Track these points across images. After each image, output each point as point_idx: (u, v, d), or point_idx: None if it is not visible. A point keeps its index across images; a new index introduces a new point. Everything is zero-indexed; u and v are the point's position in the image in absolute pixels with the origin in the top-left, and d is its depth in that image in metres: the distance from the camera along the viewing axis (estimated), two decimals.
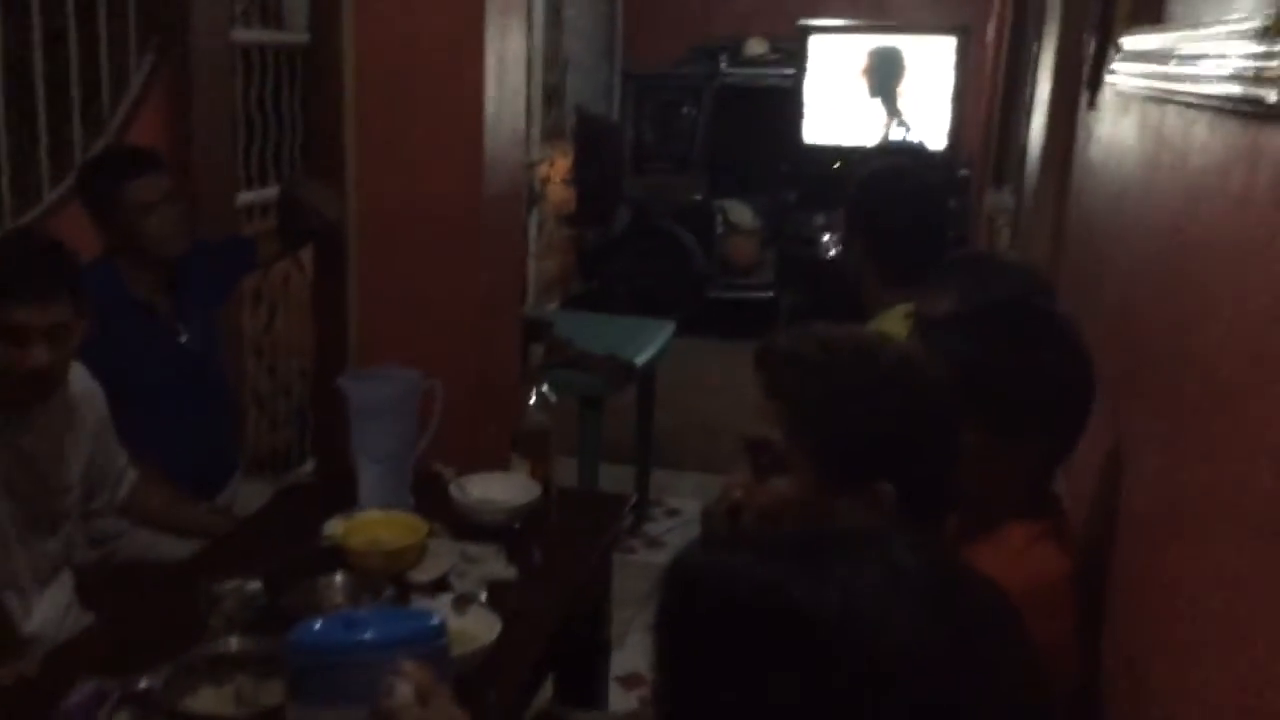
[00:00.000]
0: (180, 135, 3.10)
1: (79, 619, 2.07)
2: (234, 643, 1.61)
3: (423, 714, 1.04)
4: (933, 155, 5.86)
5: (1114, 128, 2.10)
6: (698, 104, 6.91)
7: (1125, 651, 1.49)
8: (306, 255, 3.35)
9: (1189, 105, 1.40)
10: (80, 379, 2.05)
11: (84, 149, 2.90)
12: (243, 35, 3.50)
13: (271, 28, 3.76)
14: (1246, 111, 1.09)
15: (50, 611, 2.02)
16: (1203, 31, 1.39)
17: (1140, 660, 1.38)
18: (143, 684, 1.50)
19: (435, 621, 1.19)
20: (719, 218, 6.98)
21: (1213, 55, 1.24)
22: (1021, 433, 1.45)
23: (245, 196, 3.67)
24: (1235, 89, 1.13)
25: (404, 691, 1.05)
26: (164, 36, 3.07)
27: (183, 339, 2.60)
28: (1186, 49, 1.41)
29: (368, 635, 1.14)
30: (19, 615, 1.95)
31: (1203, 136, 1.34)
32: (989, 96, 5.57)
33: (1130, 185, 1.90)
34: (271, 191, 3.79)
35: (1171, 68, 1.47)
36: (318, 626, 1.20)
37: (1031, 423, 1.45)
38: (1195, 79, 1.33)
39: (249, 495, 2.74)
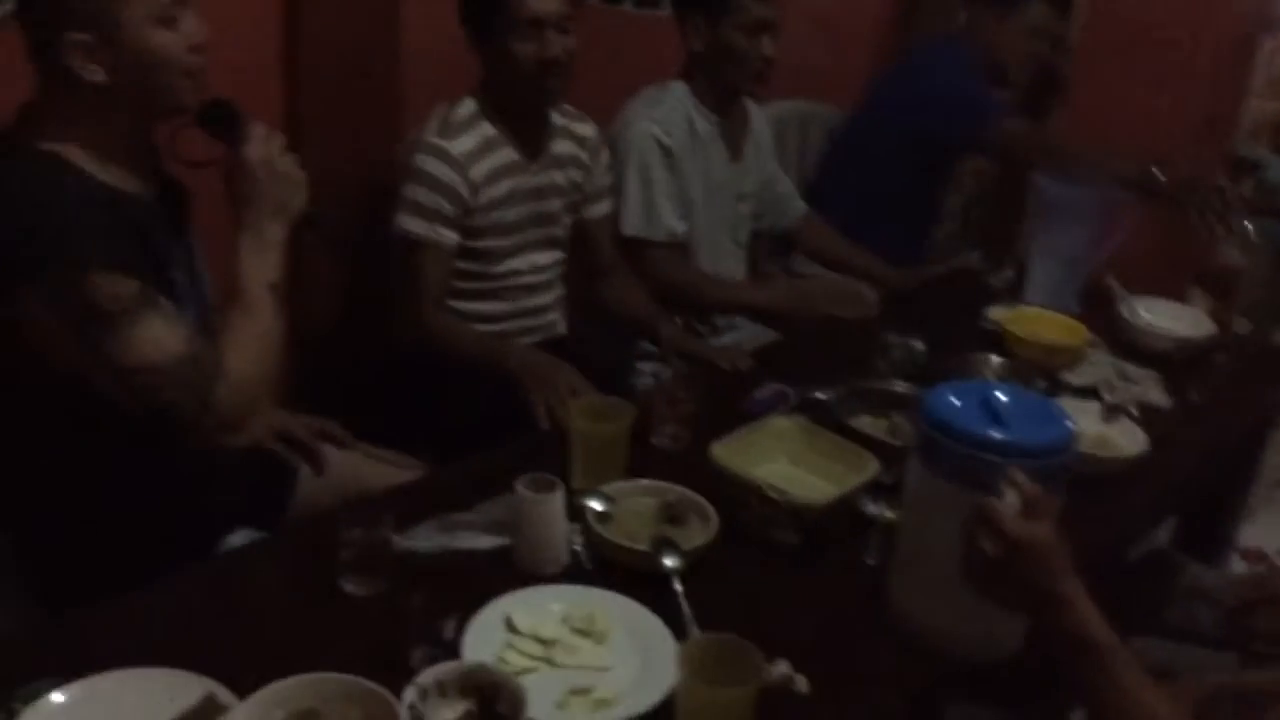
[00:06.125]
0: None
1: None
2: (897, 384, 1.81)
3: (1025, 526, 1.04)
4: None
5: None
6: None
7: None
8: None
9: None
10: None
11: None
12: None
13: None
14: None
15: None
16: None
17: None
18: (817, 394, 1.75)
19: (1068, 433, 1.18)
20: None
21: None
22: None
23: None
24: None
25: (1011, 500, 1.07)
26: None
27: None
28: None
29: (999, 434, 1.15)
30: None
31: None
32: None
33: None
34: None
35: None
36: (955, 400, 1.20)
37: None
38: None
39: None
